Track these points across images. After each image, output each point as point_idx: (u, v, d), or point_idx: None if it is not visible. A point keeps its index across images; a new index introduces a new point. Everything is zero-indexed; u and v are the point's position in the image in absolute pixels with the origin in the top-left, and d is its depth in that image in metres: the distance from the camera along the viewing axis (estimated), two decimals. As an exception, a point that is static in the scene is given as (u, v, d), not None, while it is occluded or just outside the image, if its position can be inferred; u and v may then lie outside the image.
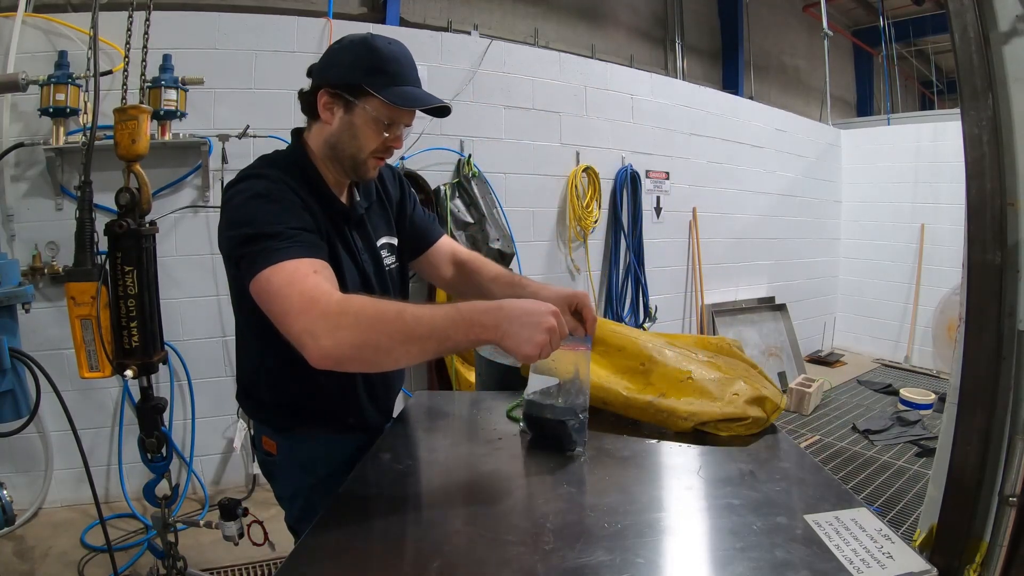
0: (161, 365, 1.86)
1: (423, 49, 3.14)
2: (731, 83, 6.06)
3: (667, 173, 4.25)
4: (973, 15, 0.89)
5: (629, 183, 3.98)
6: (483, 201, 3.22)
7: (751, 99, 5.65)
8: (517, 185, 3.52)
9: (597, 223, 3.85)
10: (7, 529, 2.33)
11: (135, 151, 1.75)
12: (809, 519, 0.85)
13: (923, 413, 3.82)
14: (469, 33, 4.19)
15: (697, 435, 1.17)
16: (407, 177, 2.98)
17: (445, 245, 1.40)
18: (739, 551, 0.78)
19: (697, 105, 4.40)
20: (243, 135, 2.70)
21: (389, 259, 1.28)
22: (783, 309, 5.05)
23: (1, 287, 1.65)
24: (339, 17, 3.14)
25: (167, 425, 2.30)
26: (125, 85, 1.83)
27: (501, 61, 3.43)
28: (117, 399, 2.72)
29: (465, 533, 0.85)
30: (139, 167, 1.78)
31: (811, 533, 0.82)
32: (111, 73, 2.51)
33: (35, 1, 2.68)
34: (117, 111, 1.75)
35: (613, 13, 5.44)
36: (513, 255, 3.29)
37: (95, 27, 1.83)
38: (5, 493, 1.68)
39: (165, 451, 1.89)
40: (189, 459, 2.84)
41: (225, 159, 2.75)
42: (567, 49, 4.41)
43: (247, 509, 1.96)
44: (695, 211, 4.46)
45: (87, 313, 1.71)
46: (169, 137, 2.55)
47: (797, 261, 5.36)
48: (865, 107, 8.01)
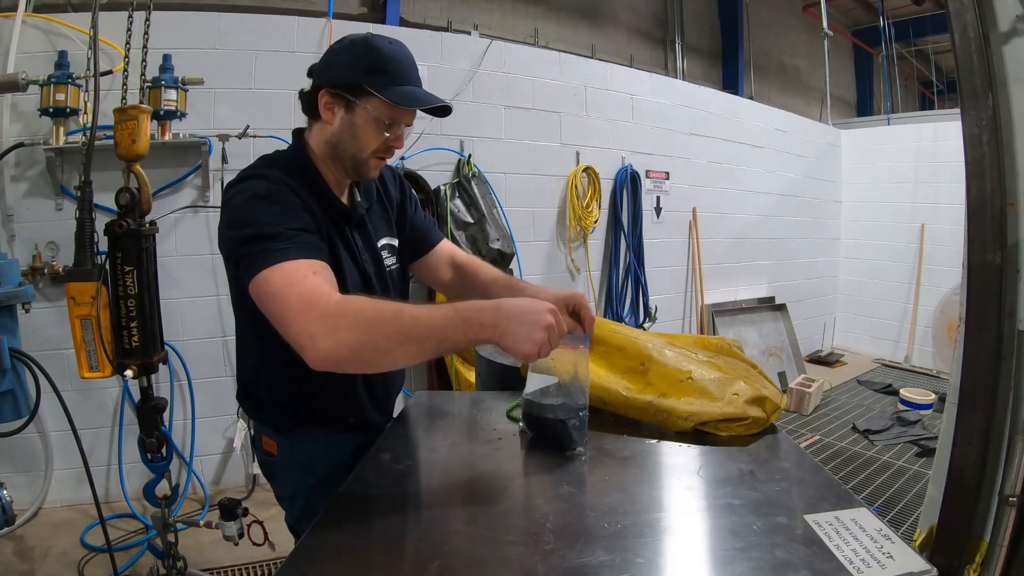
0: (161, 365, 1.86)
1: (423, 49, 3.14)
2: (731, 83, 6.06)
3: (667, 173, 4.25)
4: (973, 15, 0.89)
5: (629, 183, 3.98)
6: (483, 201, 3.22)
7: (751, 99, 5.65)
8: (517, 185, 3.52)
9: (597, 223, 3.85)
10: (7, 529, 2.33)
11: (135, 151, 1.76)
12: (809, 519, 0.85)
13: (923, 413, 3.81)
14: (469, 33, 4.19)
15: (697, 435, 1.17)
16: (407, 177, 2.99)
17: (444, 249, 1.40)
18: (739, 551, 0.78)
19: (697, 105, 4.40)
20: (243, 135, 2.70)
21: (390, 260, 1.28)
22: (783, 309, 5.05)
23: (1, 287, 1.65)
24: (339, 17, 3.14)
25: (167, 425, 2.30)
26: (125, 85, 1.83)
27: (501, 61, 3.43)
28: (117, 399, 2.72)
29: (465, 533, 0.85)
30: (139, 167, 1.78)
31: (811, 533, 0.82)
32: (111, 73, 2.51)
33: (35, 1, 2.68)
34: (117, 111, 1.75)
35: (613, 13, 5.44)
36: (513, 255, 3.29)
37: (95, 27, 1.83)
38: (5, 493, 1.68)
39: (165, 451, 1.89)
40: (189, 459, 2.84)
41: (225, 159, 2.75)
42: (567, 49, 4.41)
43: (247, 509, 1.96)
44: (695, 211, 4.46)
45: (87, 313, 1.71)
46: (169, 137, 2.55)
47: (797, 261, 5.36)
48: (865, 107, 8.01)
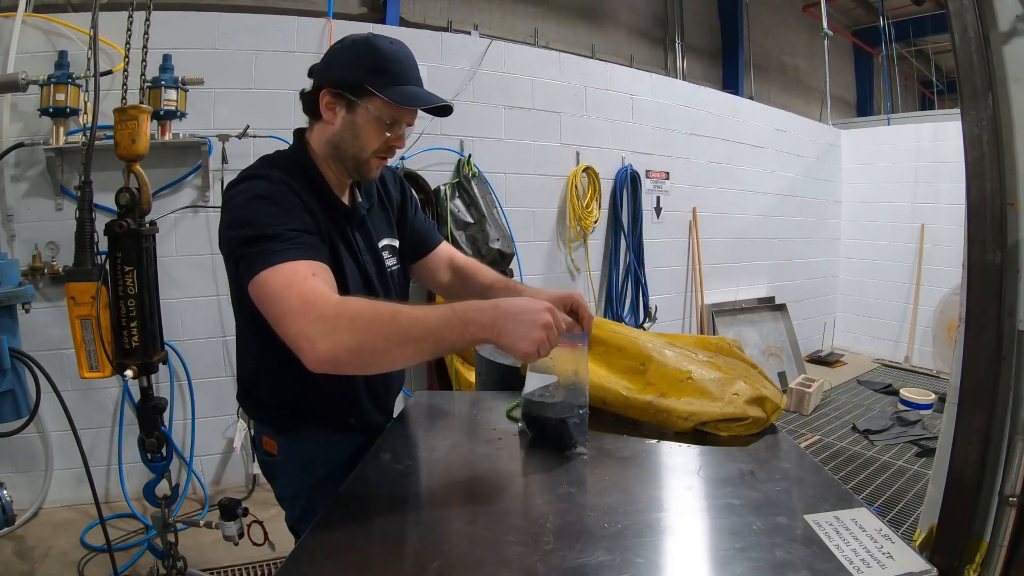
0: (161, 365, 1.86)
1: (423, 49, 3.14)
2: (731, 83, 6.06)
3: (667, 173, 4.25)
4: (973, 15, 0.89)
5: (629, 183, 3.98)
6: (483, 201, 3.22)
7: (751, 99, 5.65)
8: (517, 185, 3.52)
9: (597, 223, 3.85)
10: (7, 529, 2.33)
11: (135, 151, 1.76)
12: (809, 519, 0.85)
13: (923, 413, 3.82)
14: (469, 33, 4.19)
15: (697, 435, 1.17)
16: (407, 177, 2.99)
17: (443, 251, 1.41)
18: (739, 551, 0.78)
19: (697, 105, 4.40)
20: (243, 135, 2.70)
21: (390, 260, 1.28)
22: (783, 309, 5.05)
23: (1, 287, 1.65)
24: (339, 17, 3.14)
25: (167, 425, 2.30)
26: (125, 85, 1.83)
27: (501, 61, 3.43)
28: (117, 399, 2.72)
29: (465, 533, 0.85)
30: (139, 167, 1.78)
31: (811, 533, 0.82)
32: (111, 73, 2.51)
33: (35, 1, 2.68)
34: (117, 111, 1.75)
35: (613, 13, 5.44)
36: (513, 255, 3.29)
37: (95, 27, 1.83)
38: (5, 493, 1.68)
39: (165, 451, 1.90)
40: (189, 459, 2.84)
41: (225, 159, 2.75)
42: (567, 49, 4.41)
43: (247, 509, 1.96)
44: (695, 211, 4.46)
45: (87, 313, 1.71)
46: (169, 137, 2.55)
47: (797, 261, 5.36)
48: (865, 107, 8.01)
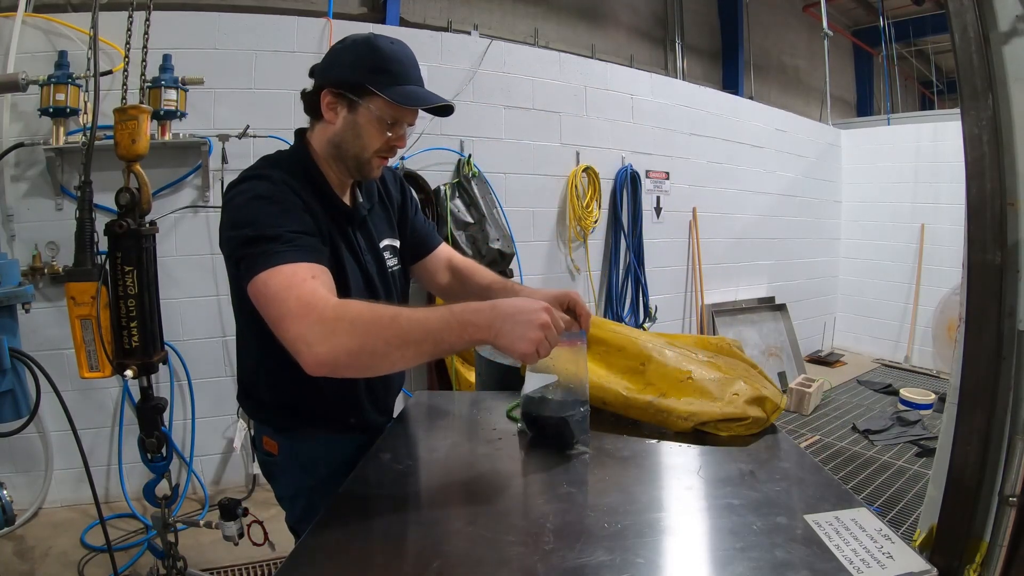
0: (161, 365, 1.86)
1: (423, 49, 3.14)
2: (731, 83, 6.06)
3: (667, 173, 4.25)
4: (973, 15, 0.89)
5: (629, 183, 3.98)
6: (483, 201, 3.22)
7: (751, 99, 5.65)
8: (517, 185, 3.52)
9: (597, 223, 3.85)
10: (7, 529, 2.33)
11: (135, 151, 1.76)
12: (809, 519, 0.85)
13: (923, 413, 3.81)
14: (469, 33, 4.19)
15: (697, 435, 1.17)
16: (407, 177, 2.99)
17: (442, 252, 1.41)
18: (739, 551, 0.78)
19: (697, 105, 4.40)
20: (243, 135, 2.70)
21: (391, 260, 1.28)
22: (783, 309, 5.05)
23: (1, 287, 1.65)
24: (339, 17, 3.14)
25: (167, 425, 2.30)
26: (125, 85, 1.83)
27: (501, 61, 3.43)
28: (117, 399, 2.72)
29: (465, 533, 0.85)
30: (139, 167, 1.78)
31: (811, 533, 0.82)
32: (111, 73, 2.51)
33: (35, 1, 2.68)
34: (117, 111, 1.75)
35: (613, 13, 5.44)
36: (513, 255, 3.29)
37: (95, 27, 1.83)
38: (5, 493, 1.68)
39: (165, 451, 1.89)
40: (189, 459, 2.84)
41: (225, 159, 2.75)
42: (567, 49, 4.41)
43: (247, 509, 1.96)
44: (695, 211, 4.46)
45: (87, 313, 1.71)
46: (169, 137, 2.55)
47: (797, 261, 5.36)
48: (865, 107, 8.01)
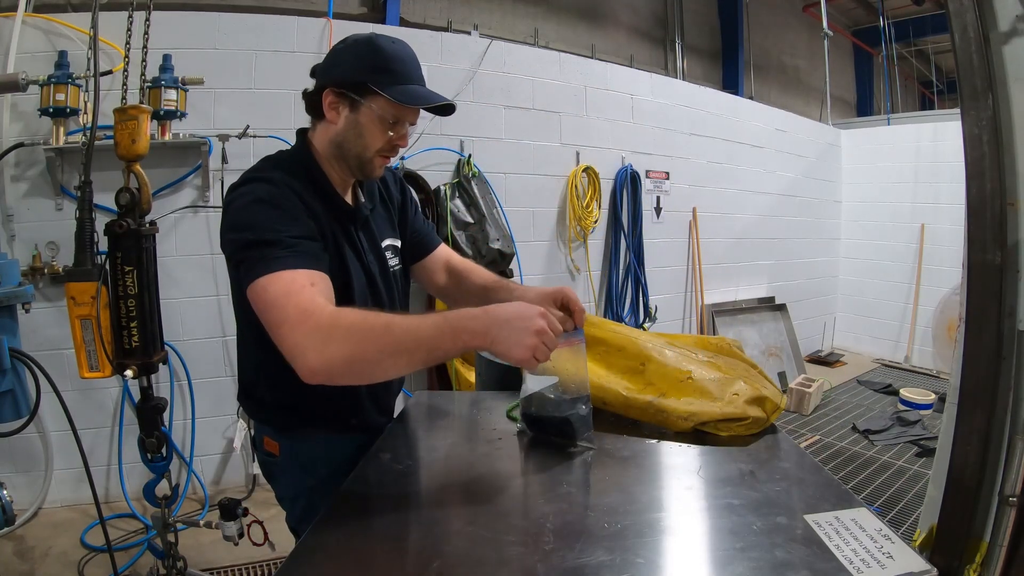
0: (161, 365, 1.86)
1: (423, 49, 3.13)
2: (731, 83, 6.06)
3: (667, 173, 4.25)
4: (973, 15, 0.89)
5: (629, 183, 3.98)
6: (483, 201, 3.22)
7: (751, 99, 5.65)
8: (517, 185, 3.52)
9: (597, 223, 3.85)
10: (7, 529, 2.32)
11: (135, 151, 1.76)
12: (809, 519, 0.85)
13: (923, 413, 3.81)
14: (469, 33, 4.19)
15: (697, 435, 1.17)
16: (407, 177, 2.99)
17: (441, 253, 1.41)
18: (739, 551, 0.78)
19: (697, 105, 4.40)
20: (243, 135, 2.70)
21: (393, 260, 1.28)
22: (783, 309, 5.05)
23: (1, 287, 1.65)
24: (339, 17, 3.14)
25: (167, 425, 2.30)
26: (125, 85, 1.83)
27: (501, 61, 3.43)
28: (117, 399, 2.72)
29: (465, 533, 0.85)
30: (139, 167, 1.78)
31: (811, 533, 0.82)
32: (111, 73, 2.51)
33: (35, 1, 2.68)
34: (117, 111, 1.75)
35: (613, 13, 5.44)
36: (513, 255, 3.29)
37: (95, 27, 1.83)
38: (5, 493, 1.68)
39: (165, 451, 1.89)
40: (189, 459, 2.84)
41: (225, 159, 2.75)
42: (567, 49, 4.41)
43: (247, 509, 1.96)
44: (695, 211, 4.46)
45: (87, 313, 1.71)
46: (169, 137, 2.55)
47: (797, 261, 5.36)
48: (865, 107, 8.01)
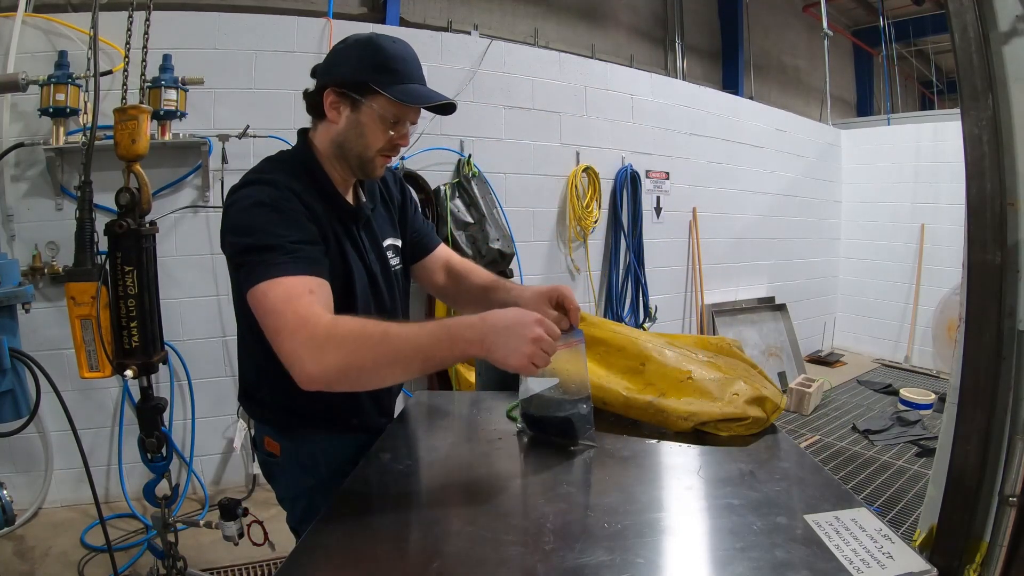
0: (161, 365, 1.86)
1: (423, 49, 3.12)
2: (731, 83, 6.06)
3: (667, 173, 4.25)
4: (973, 15, 0.89)
5: (629, 183, 3.97)
6: (483, 201, 3.22)
7: (751, 99, 5.65)
8: (517, 185, 3.52)
9: (597, 223, 3.85)
10: (7, 529, 2.32)
11: (135, 151, 1.76)
12: (809, 519, 0.85)
13: (923, 413, 3.81)
14: (469, 33, 4.18)
15: (697, 435, 1.17)
16: (407, 177, 2.99)
17: (440, 253, 1.42)
18: (739, 551, 0.78)
19: (697, 105, 4.40)
20: (243, 135, 2.70)
21: (394, 260, 1.28)
22: (783, 309, 5.05)
23: (1, 287, 1.65)
24: (339, 17, 3.14)
25: (167, 425, 2.30)
26: (125, 85, 1.83)
27: (501, 61, 3.43)
28: (117, 399, 2.72)
29: (465, 533, 0.85)
30: (139, 167, 1.78)
31: (811, 533, 0.82)
32: (111, 73, 2.51)
33: (35, 1, 2.68)
34: (117, 111, 1.75)
35: (613, 13, 5.44)
36: (513, 255, 3.29)
37: (95, 27, 1.83)
38: (5, 493, 1.68)
39: (165, 451, 1.89)
40: (189, 459, 2.84)
41: (225, 159, 2.75)
42: (567, 49, 4.41)
43: (247, 509, 1.96)
44: (695, 211, 4.46)
45: (87, 313, 1.71)
46: (169, 137, 2.55)
47: (797, 261, 5.36)
48: (865, 107, 8.01)
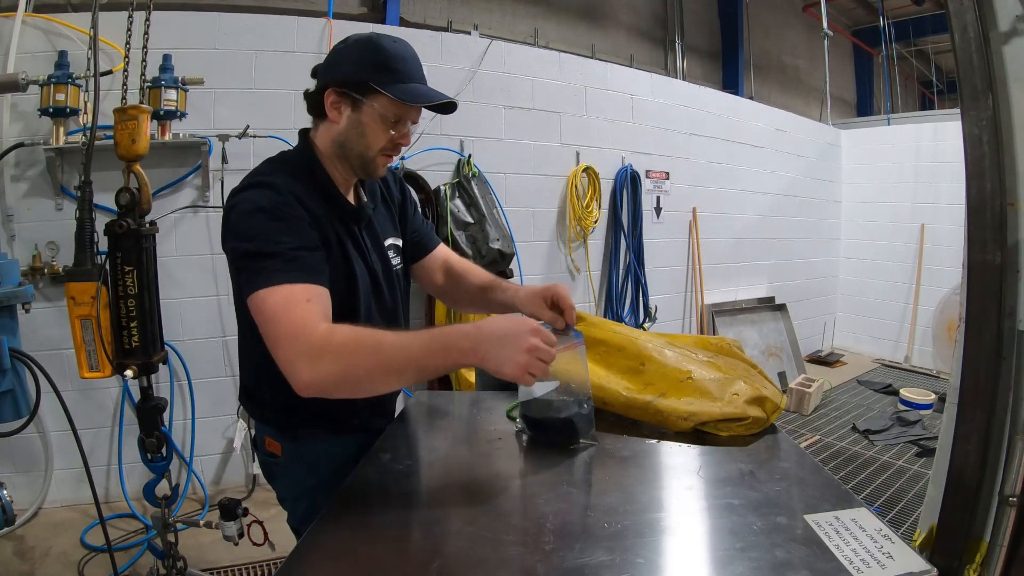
0: (161, 365, 1.86)
1: (423, 49, 3.08)
2: (731, 83, 6.06)
3: (667, 173, 4.25)
4: (973, 15, 0.89)
5: (629, 183, 3.97)
6: (483, 201, 3.22)
7: (751, 99, 5.65)
8: (517, 185, 3.52)
9: (597, 223, 3.85)
10: (7, 529, 2.32)
11: (135, 151, 1.76)
12: (809, 519, 0.85)
13: (923, 413, 3.81)
14: (469, 33, 4.18)
15: (697, 435, 1.17)
16: (407, 177, 2.99)
17: (440, 253, 1.42)
18: (739, 551, 0.78)
19: (697, 105, 4.40)
20: (243, 135, 2.70)
21: (395, 260, 1.29)
22: (783, 309, 5.05)
23: (1, 287, 1.65)
24: (339, 17, 3.14)
25: (167, 425, 2.30)
26: (125, 85, 1.83)
27: (501, 61, 3.43)
28: (117, 399, 2.72)
29: (465, 533, 0.85)
30: (139, 167, 1.78)
31: (811, 533, 0.82)
32: (111, 73, 2.51)
33: (35, 1, 2.68)
34: (117, 111, 1.76)
35: (613, 13, 5.44)
36: (513, 255, 3.29)
37: (95, 27, 1.83)
38: (5, 493, 1.68)
39: (165, 451, 1.89)
40: (189, 459, 2.84)
41: (225, 159, 2.75)
42: (567, 49, 4.41)
43: (247, 509, 1.96)
44: (695, 211, 4.46)
45: (87, 313, 1.71)
46: (169, 137, 2.55)
47: (797, 261, 5.36)
48: (865, 107, 8.02)
